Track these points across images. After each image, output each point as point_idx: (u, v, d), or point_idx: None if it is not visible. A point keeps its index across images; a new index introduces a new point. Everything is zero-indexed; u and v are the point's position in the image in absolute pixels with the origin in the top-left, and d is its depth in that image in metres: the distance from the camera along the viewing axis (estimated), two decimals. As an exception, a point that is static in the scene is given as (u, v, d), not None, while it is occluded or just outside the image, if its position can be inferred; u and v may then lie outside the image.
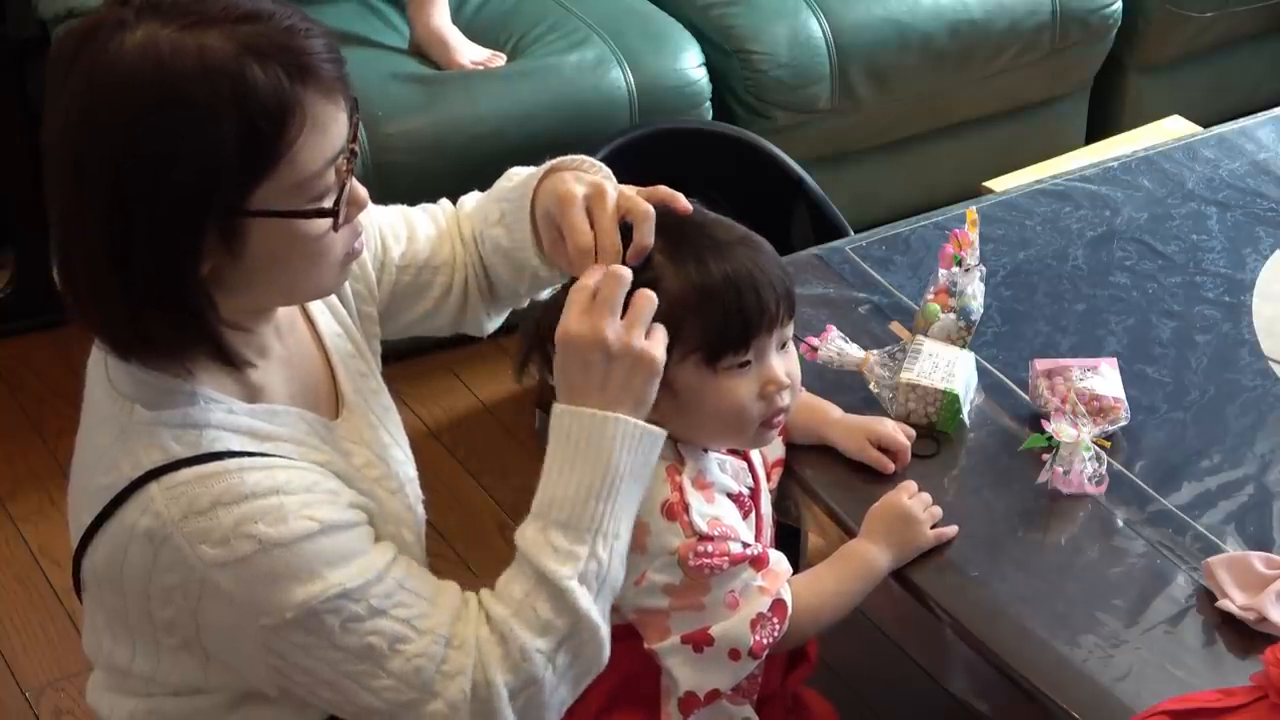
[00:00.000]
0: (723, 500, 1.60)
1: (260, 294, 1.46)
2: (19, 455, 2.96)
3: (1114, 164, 2.38)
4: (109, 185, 1.34)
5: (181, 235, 1.36)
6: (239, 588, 1.40)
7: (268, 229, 1.38)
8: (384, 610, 1.44)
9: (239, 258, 1.39)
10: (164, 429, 1.42)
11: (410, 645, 1.45)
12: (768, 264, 1.56)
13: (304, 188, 1.39)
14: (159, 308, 1.38)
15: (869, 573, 1.65)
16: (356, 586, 1.43)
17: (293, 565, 1.40)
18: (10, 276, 3.26)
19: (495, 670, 1.45)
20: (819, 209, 2.60)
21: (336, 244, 1.44)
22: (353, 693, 1.45)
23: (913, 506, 1.68)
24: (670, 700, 1.60)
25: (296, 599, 1.40)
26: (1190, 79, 3.69)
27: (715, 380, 1.55)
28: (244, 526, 1.39)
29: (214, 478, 1.40)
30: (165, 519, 1.40)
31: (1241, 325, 2.04)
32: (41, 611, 2.64)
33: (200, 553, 1.39)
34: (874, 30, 3.17)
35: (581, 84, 2.95)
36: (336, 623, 1.42)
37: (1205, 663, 1.56)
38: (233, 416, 1.45)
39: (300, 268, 1.44)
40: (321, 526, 1.42)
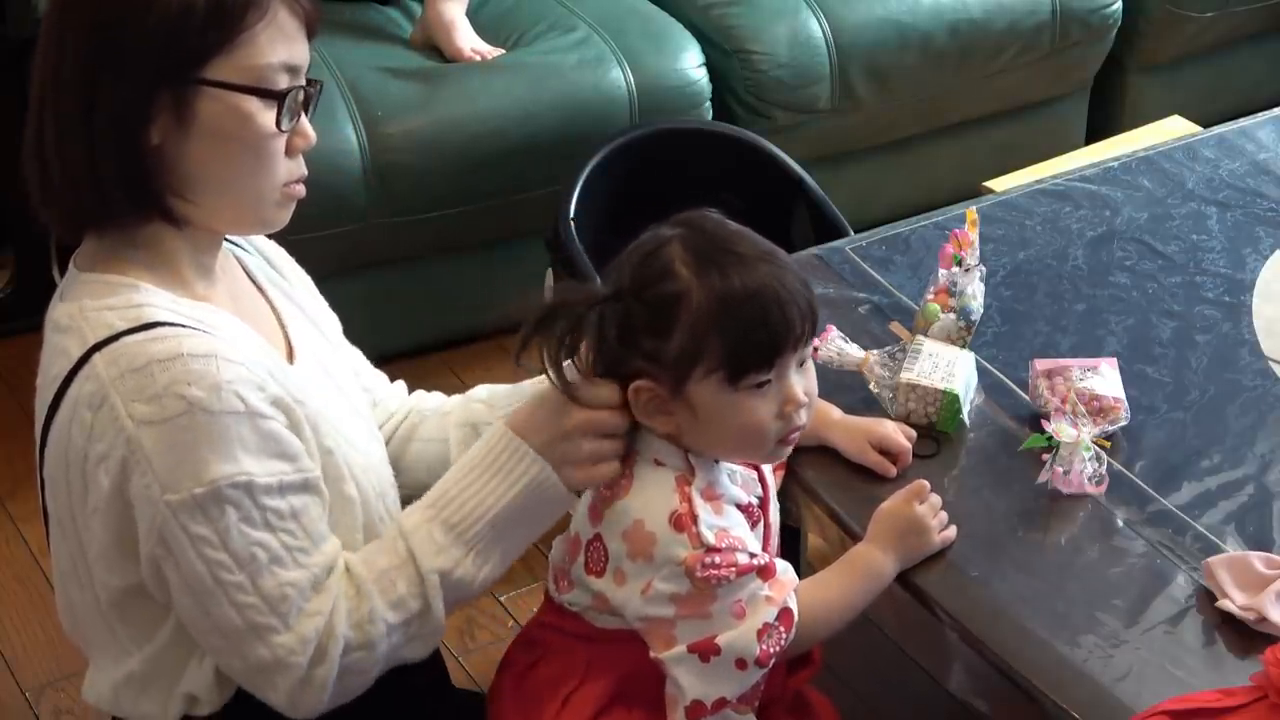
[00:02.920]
0: (731, 511, 1.60)
1: (204, 190, 1.53)
2: (19, 455, 2.95)
3: (1114, 164, 2.38)
4: (83, 43, 1.48)
5: (139, 93, 1.47)
6: (159, 452, 1.46)
7: (214, 107, 1.49)
8: (274, 527, 1.50)
9: (187, 130, 1.49)
10: (109, 312, 1.51)
11: (285, 572, 1.50)
12: (792, 281, 1.55)
13: (256, 74, 1.50)
14: (115, 170, 1.49)
15: (876, 579, 1.65)
16: (262, 484, 1.48)
17: (213, 436, 1.46)
18: (10, 276, 3.26)
19: (343, 622, 1.51)
20: (819, 209, 2.59)
21: (278, 154, 1.54)
22: (215, 604, 1.49)
23: (924, 514, 1.67)
24: (677, 709, 1.59)
25: (208, 474, 1.46)
26: (1190, 79, 3.68)
27: (735, 398, 1.55)
28: (175, 387, 1.45)
29: (153, 340, 1.48)
30: (104, 380, 1.48)
31: (1241, 325, 2.04)
32: (41, 611, 2.64)
33: (132, 410, 1.46)
34: (874, 30, 3.17)
35: (581, 84, 2.95)
36: (234, 517, 1.47)
37: (1205, 663, 1.56)
38: (177, 304, 1.53)
39: (242, 164, 1.52)
40: (246, 410, 1.48)
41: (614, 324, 1.56)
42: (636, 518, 1.57)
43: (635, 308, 1.55)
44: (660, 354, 1.53)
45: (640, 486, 1.58)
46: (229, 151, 1.52)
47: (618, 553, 1.58)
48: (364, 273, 2.94)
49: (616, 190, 2.56)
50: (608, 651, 1.62)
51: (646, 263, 1.56)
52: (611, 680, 1.63)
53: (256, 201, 1.56)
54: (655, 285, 1.54)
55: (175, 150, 1.51)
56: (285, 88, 1.52)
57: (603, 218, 2.52)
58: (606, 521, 1.60)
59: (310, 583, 1.51)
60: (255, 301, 1.68)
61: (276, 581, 1.49)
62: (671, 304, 1.53)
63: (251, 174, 1.54)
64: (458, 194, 2.92)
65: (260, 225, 1.61)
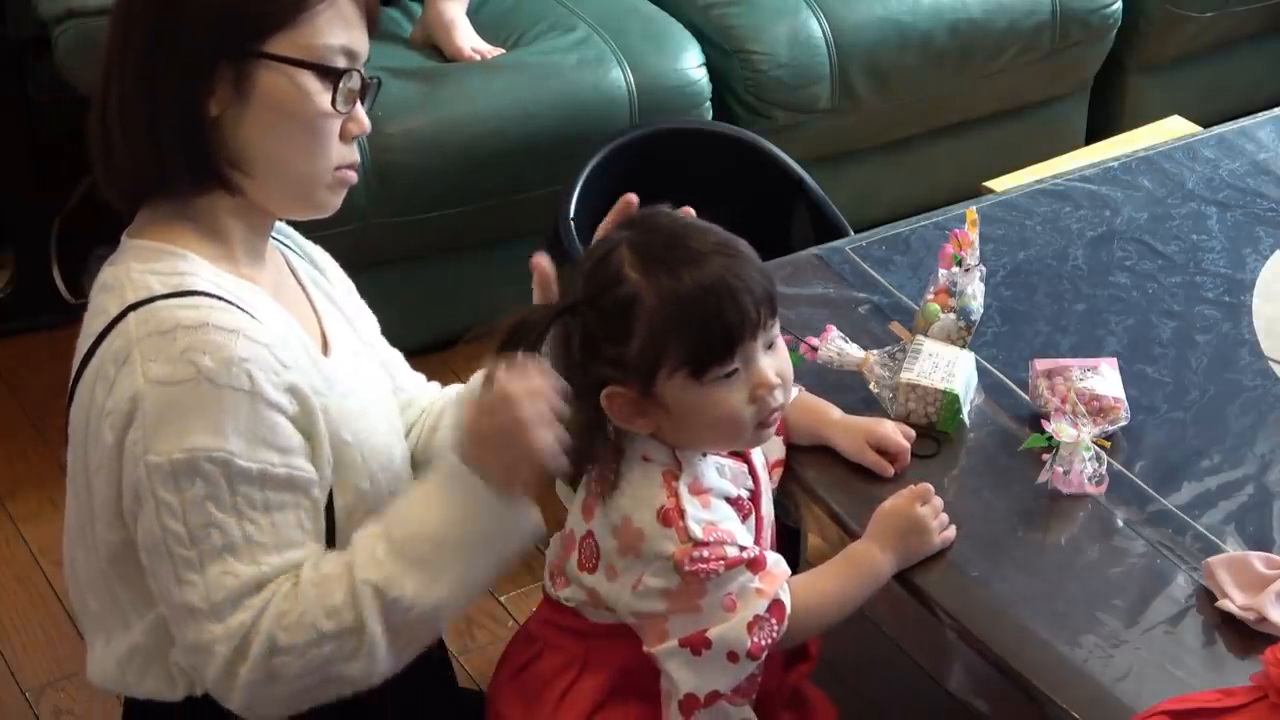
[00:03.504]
0: (720, 505, 1.60)
1: (259, 165, 1.56)
2: (19, 455, 2.96)
3: (1114, 164, 2.38)
4: (149, 12, 1.53)
5: (200, 63, 1.52)
6: (156, 411, 1.47)
7: (273, 81, 1.53)
8: (241, 514, 1.49)
9: (245, 103, 1.53)
10: (152, 275, 1.54)
11: (236, 563, 1.50)
12: (744, 269, 1.55)
13: (315, 53, 1.54)
14: (176, 138, 1.53)
15: (873, 576, 1.65)
16: (241, 467, 1.48)
17: (208, 407, 1.47)
18: (10, 276, 3.26)
19: (271, 621, 1.50)
20: (819, 209, 2.59)
21: (332, 135, 1.57)
22: (163, 572, 1.51)
23: (925, 515, 1.66)
24: (671, 702, 1.59)
25: (190, 443, 1.47)
26: (1190, 79, 3.68)
27: (703, 392, 1.55)
28: (190, 353, 1.48)
29: (185, 307, 1.51)
30: (132, 338, 1.50)
31: (1241, 325, 2.04)
32: (41, 611, 2.64)
33: (147, 369, 1.48)
34: (874, 30, 3.17)
35: (581, 84, 2.95)
36: (202, 491, 1.47)
37: (1205, 663, 1.56)
38: (220, 278, 1.56)
39: (297, 141, 1.56)
40: (251, 390, 1.49)
41: (575, 335, 1.56)
42: (625, 514, 1.58)
43: (592, 317, 1.55)
44: (623, 359, 1.54)
45: (628, 483, 1.59)
46: (285, 127, 1.55)
47: (609, 549, 1.59)
48: (364, 273, 2.90)
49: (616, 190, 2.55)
50: (604, 646, 1.63)
51: (597, 270, 1.56)
52: (608, 674, 1.63)
53: (309, 181, 1.59)
54: (607, 292, 1.54)
55: (233, 123, 1.55)
56: (343, 68, 1.56)
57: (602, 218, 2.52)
58: (597, 518, 1.60)
59: (255, 580, 1.50)
60: (296, 295, 1.70)
61: (222, 569, 1.49)
62: (625, 309, 1.53)
63: (306, 152, 1.57)
64: (458, 194, 2.92)
65: (311, 207, 1.63)
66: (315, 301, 1.72)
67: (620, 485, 1.59)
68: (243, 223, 1.60)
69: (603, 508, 1.60)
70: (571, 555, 1.63)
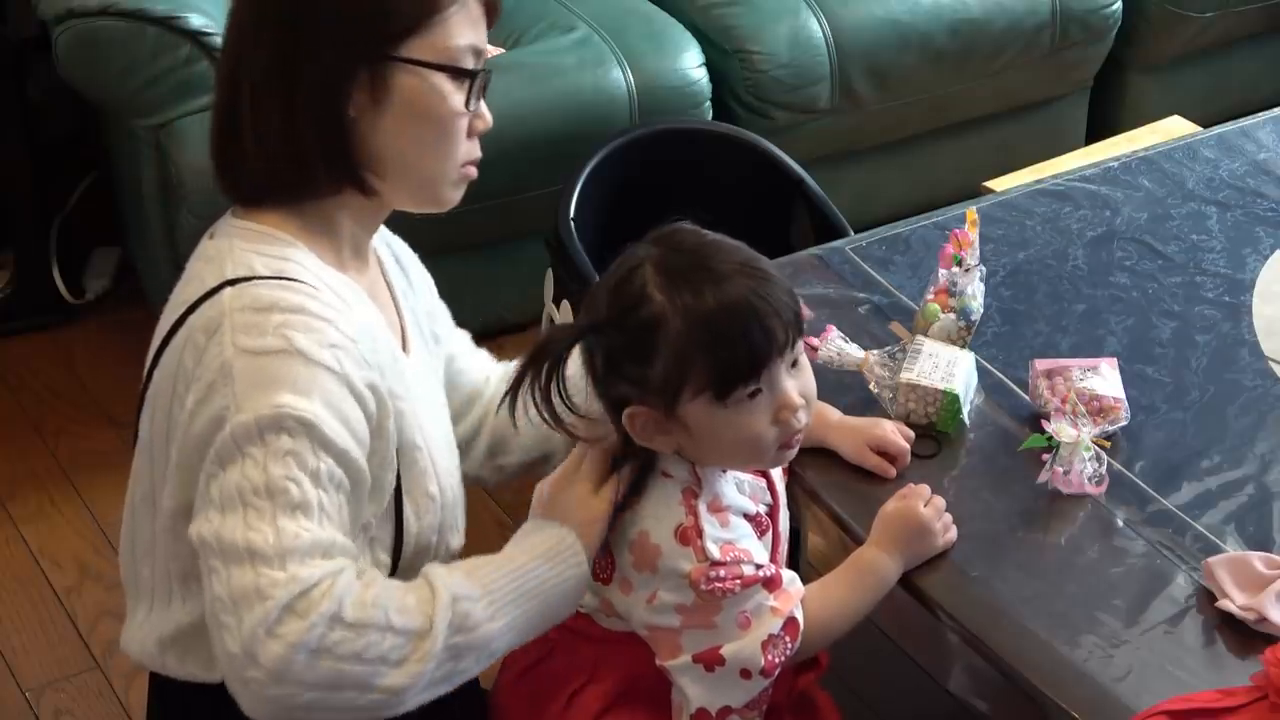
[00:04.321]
0: (739, 523, 1.59)
1: (390, 166, 1.57)
2: (19, 455, 2.95)
3: (1114, 164, 2.38)
4: (283, 18, 1.53)
5: (339, 69, 1.53)
6: (245, 376, 1.47)
7: (409, 84, 1.54)
8: (318, 480, 1.48)
9: (381, 107, 1.55)
10: (256, 256, 1.55)
11: (308, 522, 1.47)
12: (771, 290, 1.53)
13: (449, 54, 1.56)
14: (315, 143, 1.54)
15: (881, 582, 1.64)
16: (324, 434, 1.48)
17: (299, 376, 1.48)
18: (10, 276, 3.26)
19: (344, 590, 1.45)
20: (819, 209, 2.59)
21: (462, 134, 1.59)
22: (232, 520, 1.46)
23: (929, 517, 1.66)
24: (682, 716, 1.59)
25: (279, 400, 1.46)
26: (1190, 79, 3.68)
27: (727, 414, 1.53)
28: (284, 329, 1.49)
29: (284, 288, 1.52)
30: (225, 309, 1.51)
31: (1241, 325, 2.04)
32: (41, 611, 2.64)
33: (237, 339, 1.48)
34: (874, 30, 3.17)
35: (582, 84, 2.95)
36: (287, 445, 1.46)
37: (1205, 663, 1.56)
38: (322, 271, 1.57)
39: (430, 142, 1.57)
40: (341, 373, 1.50)
41: (599, 354, 1.55)
42: (642, 529, 1.57)
43: (615, 336, 1.54)
44: (646, 380, 1.53)
45: (647, 499, 1.58)
46: (419, 129, 1.57)
47: (624, 562, 1.59)
48: (364, 273, 2.93)
49: (616, 190, 2.56)
50: (614, 653, 1.63)
51: (621, 289, 1.54)
52: (617, 680, 1.63)
53: (438, 180, 1.61)
54: (632, 312, 1.52)
55: (368, 126, 1.56)
56: (476, 69, 1.58)
57: (603, 218, 2.52)
58: (615, 531, 1.60)
59: (326, 544, 1.47)
60: (385, 291, 1.71)
61: (295, 524, 1.46)
62: (649, 330, 1.51)
63: (437, 152, 1.59)
64: (457, 194, 2.91)
65: (435, 203, 1.65)
66: (399, 299, 1.73)
67: (639, 500, 1.58)
68: (355, 220, 1.62)
69: (620, 521, 1.59)
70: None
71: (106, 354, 3.19)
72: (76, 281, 3.32)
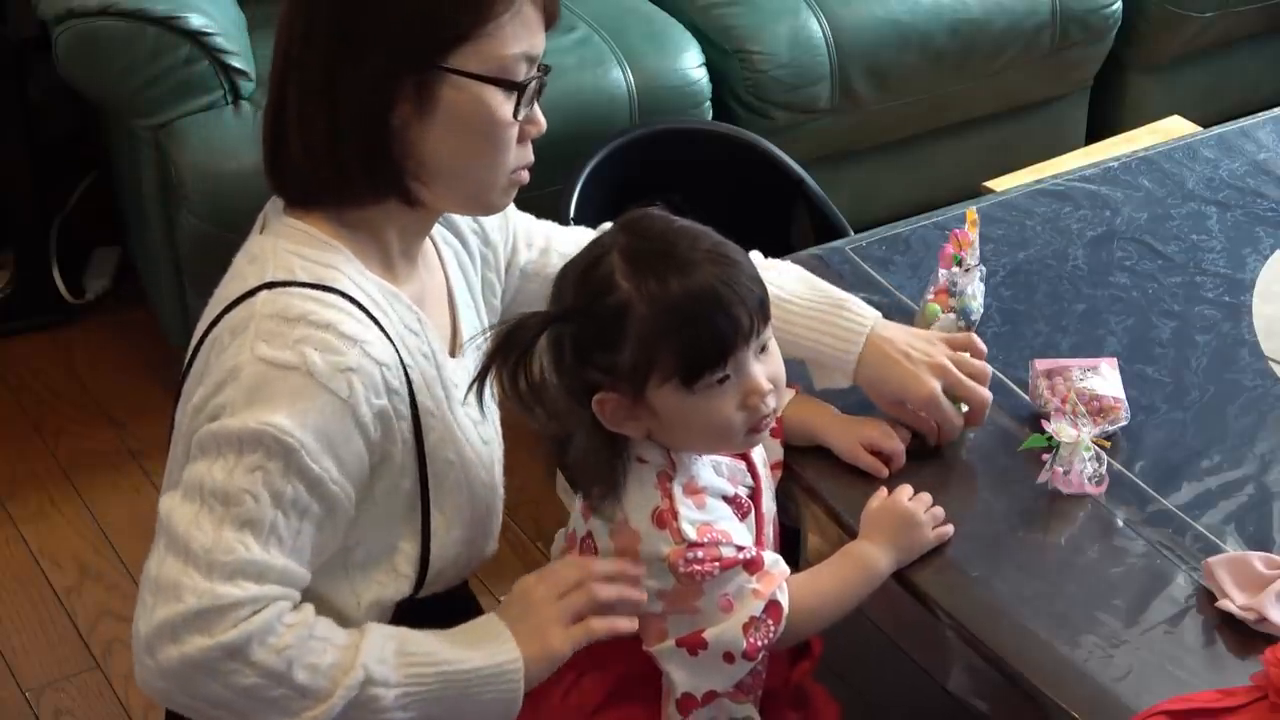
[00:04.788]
0: (716, 504, 1.60)
1: (437, 174, 1.55)
2: (19, 455, 2.96)
3: (1114, 164, 2.38)
4: (332, 22, 1.51)
5: (384, 77, 1.50)
6: (250, 385, 1.47)
7: (456, 95, 1.52)
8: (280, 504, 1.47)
9: (427, 116, 1.52)
10: (298, 260, 1.53)
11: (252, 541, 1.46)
12: (736, 276, 1.54)
13: (499, 64, 1.52)
14: (358, 151, 1.52)
15: (869, 574, 1.65)
16: (302, 462, 1.46)
17: (300, 396, 1.46)
18: (10, 276, 3.26)
19: (260, 624, 1.45)
20: (819, 209, 2.59)
21: (512, 142, 1.56)
22: (186, 512, 1.47)
23: (914, 508, 1.67)
24: (669, 700, 1.60)
25: (267, 417, 1.45)
26: (1190, 79, 3.68)
27: (694, 400, 1.54)
28: (304, 344, 1.48)
29: (318, 301, 1.50)
30: (255, 313, 1.50)
31: (1241, 325, 2.04)
32: (41, 611, 2.64)
33: (256, 346, 1.47)
34: (874, 30, 3.17)
35: (581, 84, 2.95)
36: (257, 460, 1.46)
37: (1205, 663, 1.56)
38: (364, 279, 1.55)
39: (477, 151, 1.55)
40: (348, 400, 1.48)
41: (567, 342, 1.56)
42: (622, 515, 1.58)
43: (583, 324, 1.55)
44: (615, 367, 1.53)
45: (625, 485, 1.59)
46: (466, 139, 1.54)
47: (606, 550, 1.60)
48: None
49: (616, 190, 2.56)
50: (607, 645, 1.63)
51: (588, 276, 1.55)
52: (612, 673, 1.64)
53: (486, 187, 1.59)
54: (599, 300, 1.53)
55: (414, 135, 1.53)
56: (525, 78, 1.55)
57: (603, 217, 2.51)
58: (596, 519, 1.61)
59: (261, 568, 1.47)
60: (439, 294, 1.69)
61: (239, 537, 1.46)
62: (616, 317, 1.52)
63: (485, 161, 1.56)
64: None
65: (485, 210, 1.64)
66: (456, 297, 1.71)
67: (617, 487, 1.59)
68: (402, 226, 1.60)
69: (600, 509, 1.60)
70: (573, 554, 1.63)
71: (106, 354, 3.19)
72: (76, 281, 3.32)
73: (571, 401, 1.57)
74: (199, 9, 2.74)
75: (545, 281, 1.78)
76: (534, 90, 1.57)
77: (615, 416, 1.56)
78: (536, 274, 1.82)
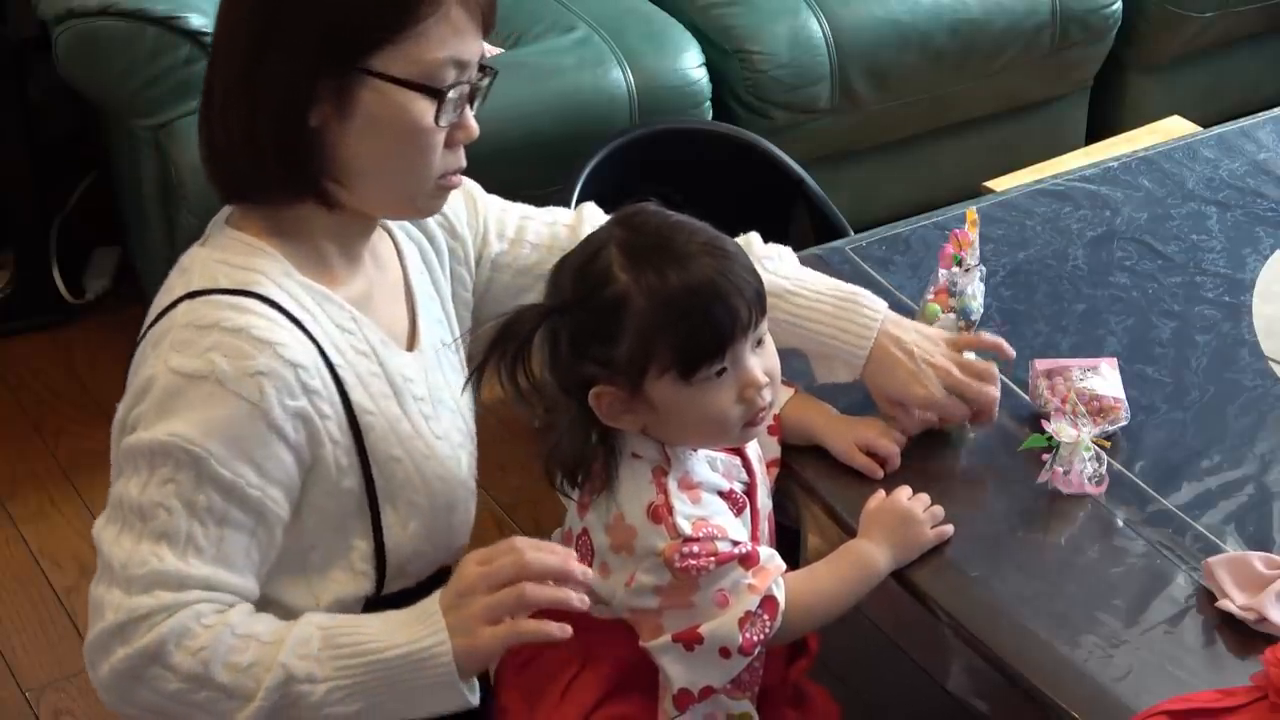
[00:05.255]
0: (711, 499, 1.60)
1: (358, 177, 1.54)
2: (19, 455, 2.96)
3: (1114, 164, 2.38)
4: (253, 17, 1.50)
5: (303, 76, 1.49)
6: (162, 396, 1.47)
7: (377, 98, 1.50)
8: (194, 513, 1.47)
9: (347, 118, 1.50)
10: (222, 266, 1.54)
11: (165, 552, 1.47)
12: (733, 269, 1.54)
13: (422, 69, 1.50)
14: (274, 147, 1.51)
15: (867, 571, 1.65)
16: (212, 469, 1.46)
17: (209, 404, 1.46)
18: (10, 276, 3.26)
19: (173, 627, 1.46)
20: (819, 209, 2.59)
21: (437, 148, 1.53)
22: (110, 530, 1.50)
23: (913, 507, 1.68)
24: (666, 696, 1.60)
25: (173, 427, 1.46)
26: (1190, 79, 3.68)
27: (691, 392, 1.55)
28: (213, 352, 1.47)
29: (233, 308, 1.50)
30: (174, 325, 1.51)
31: (1241, 325, 2.04)
32: (41, 611, 2.64)
33: (170, 357, 1.48)
34: (874, 30, 3.17)
35: (581, 84, 2.95)
36: (169, 473, 1.46)
37: (1205, 663, 1.56)
38: (289, 279, 1.54)
39: (399, 155, 1.53)
40: (259, 405, 1.47)
41: (564, 335, 1.56)
42: (617, 511, 1.58)
43: (581, 317, 1.55)
44: (612, 360, 1.54)
45: (620, 480, 1.59)
46: (387, 143, 1.53)
47: (602, 546, 1.60)
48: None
49: (616, 190, 2.56)
50: (605, 640, 1.63)
51: (586, 270, 1.56)
52: (610, 669, 1.64)
53: (411, 192, 1.57)
54: (596, 292, 1.54)
55: (334, 136, 1.52)
56: (449, 84, 1.52)
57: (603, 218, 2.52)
58: (591, 516, 1.61)
59: (177, 577, 1.47)
60: (394, 290, 1.68)
61: (153, 549, 1.47)
62: (614, 310, 1.53)
63: (408, 166, 1.55)
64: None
65: (412, 213, 1.64)
66: (416, 292, 1.70)
67: (612, 483, 1.59)
68: (335, 227, 1.59)
69: (595, 506, 1.60)
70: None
71: (106, 354, 3.19)
72: (76, 281, 3.32)
73: (567, 396, 1.57)
74: (199, 9, 2.74)
75: (517, 273, 1.79)
76: (463, 96, 1.55)
77: (612, 410, 1.57)
78: (508, 266, 1.81)
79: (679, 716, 1.60)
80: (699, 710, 1.60)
